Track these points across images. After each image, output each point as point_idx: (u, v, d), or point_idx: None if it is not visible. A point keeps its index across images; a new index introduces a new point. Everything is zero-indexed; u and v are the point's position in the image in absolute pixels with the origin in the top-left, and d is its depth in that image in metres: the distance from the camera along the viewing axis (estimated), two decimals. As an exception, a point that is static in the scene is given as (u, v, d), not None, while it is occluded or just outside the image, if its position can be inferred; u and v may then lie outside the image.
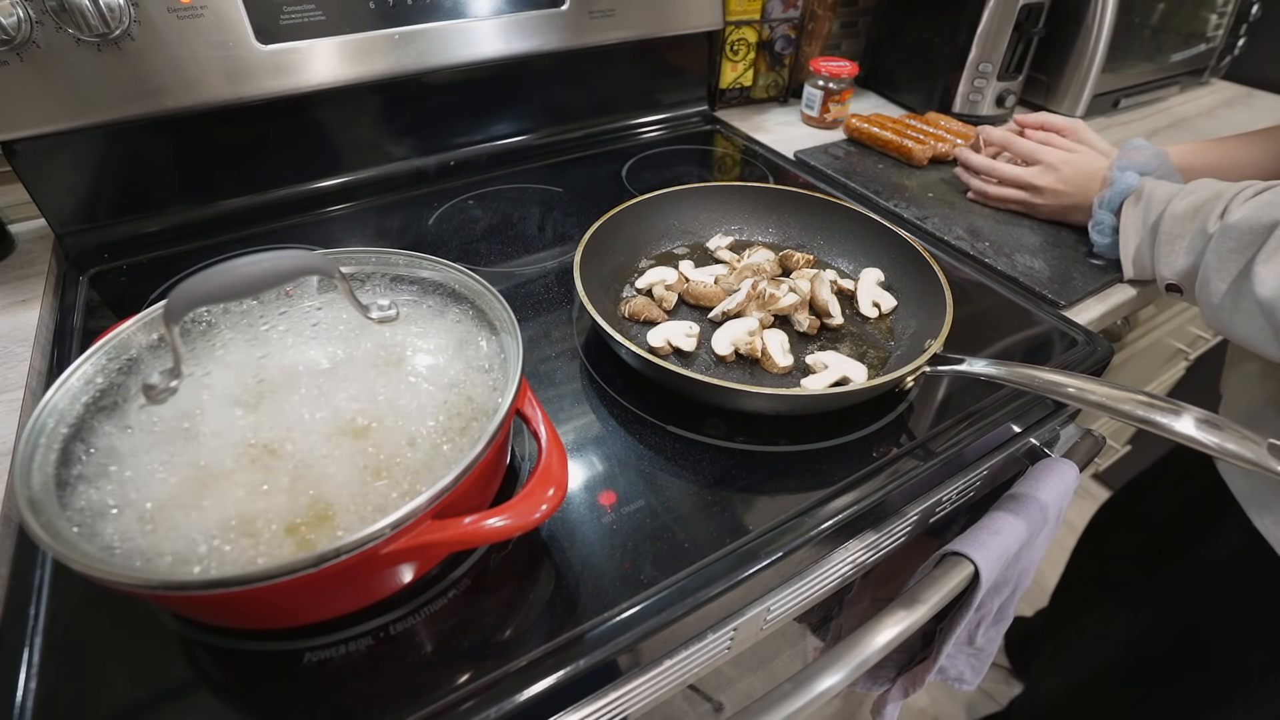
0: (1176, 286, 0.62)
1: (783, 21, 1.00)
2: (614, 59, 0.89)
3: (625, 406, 0.51)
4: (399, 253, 0.46)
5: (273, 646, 0.36)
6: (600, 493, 0.45)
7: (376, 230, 0.74)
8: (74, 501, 0.33)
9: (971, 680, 0.71)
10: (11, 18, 0.55)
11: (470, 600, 0.38)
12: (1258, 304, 0.51)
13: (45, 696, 0.34)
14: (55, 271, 0.66)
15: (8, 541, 0.41)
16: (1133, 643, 0.83)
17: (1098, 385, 0.43)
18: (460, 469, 0.32)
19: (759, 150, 0.92)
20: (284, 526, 0.33)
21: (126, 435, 0.36)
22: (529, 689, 0.35)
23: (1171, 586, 0.78)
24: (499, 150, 0.87)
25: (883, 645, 0.46)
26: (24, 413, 0.50)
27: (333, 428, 0.37)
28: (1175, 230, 0.60)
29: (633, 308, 0.58)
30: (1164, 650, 0.77)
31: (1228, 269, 0.54)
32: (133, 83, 0.62)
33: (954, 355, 0.49)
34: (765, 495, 0.45)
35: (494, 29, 0.77)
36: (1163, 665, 0.77)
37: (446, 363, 0.41)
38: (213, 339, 0.42)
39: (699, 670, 0.45)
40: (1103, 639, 0.89)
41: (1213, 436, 0.38)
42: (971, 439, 0.50)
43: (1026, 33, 0.95)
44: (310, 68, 0.69)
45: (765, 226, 0.70)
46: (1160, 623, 0.78)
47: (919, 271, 0.59)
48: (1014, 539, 0.51)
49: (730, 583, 0.40)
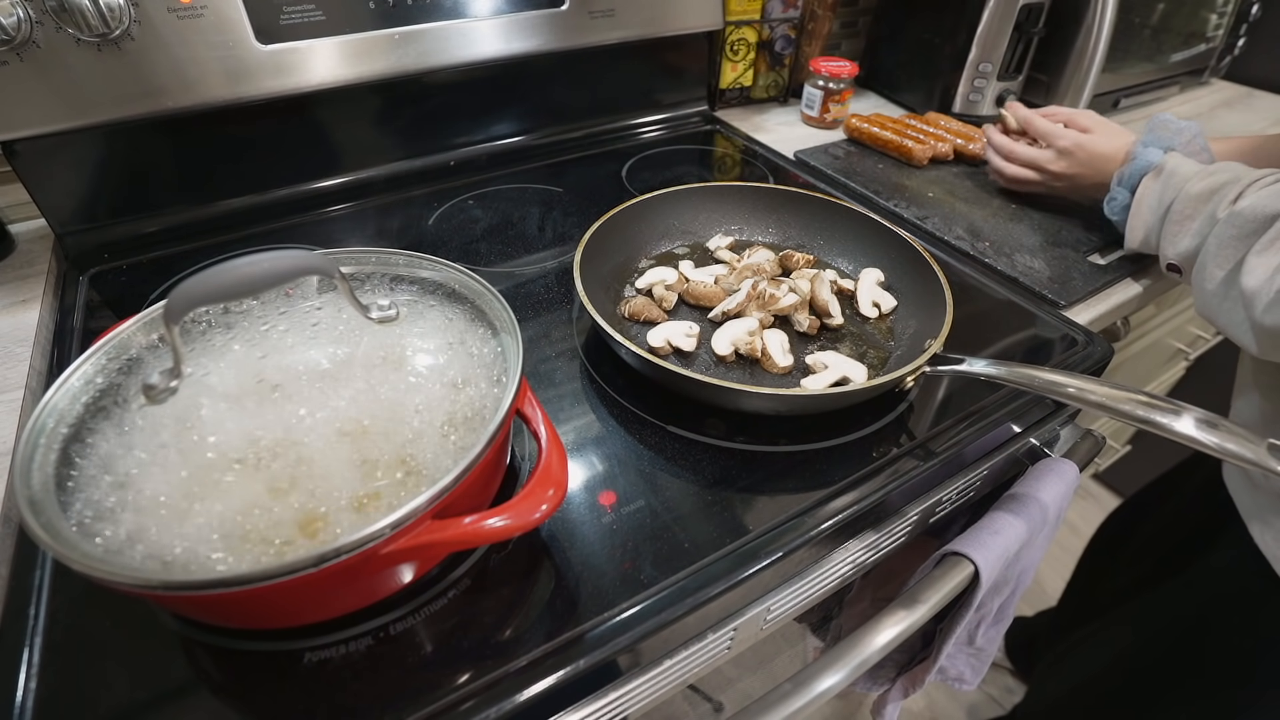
0: (1176, 267, 0.61)
1: (783, 21, 1.00)
2: (614, 59, 0.89)
3: (625, 406, 0.51)
4: (399, 253, 0.46)
5: (273, 646, 0.36)
6: (600, 493, 0.45)
7: (376, 230, 0.74)
8: (74, 501, 0.33)
9: (971, 680, 0.71)
10: (11, 18, 0.55)
11: (470, 600, 0.38)
12: (1241, 294, 0.51)
13: (45, 696, 0.34)
14: (55, 271, 0.66)
15: (8, 541, 0.41)
16: (1134, 652, 0.82)
17: (1098, 385, 0.43)
18: (460, 469, 0.32)
19: (759, 150, 0.92)
20: (284, 526, 0.33)
21: (126, 435, 0.36)
22: (529, 689, 0.35)
23: (1174, 597, 0.78)
24: (499, 150, 0.87)
25: (883, 645, 0.46)
26: (24, 413, 0.50)
27: (333, 428, 0.37)
28: (1187, 210, 0.59)
29: (633, 308, 0.58)
30: (1164, 660, 0.77)
31: (1226, 256, 0.54)
32: (133, 83, 0.62)
33: (954, 355, 0.49)
34: (765, 495, 0.45)
35: (494, 29, 0.77)
36: (1163, 675, 0.77)
37: (446, 363, 0.41)
38: (213, 339, 0.41)
39: (699, 670, 0.45)
40: (1105, 646, 0.89)
41: (1213, 436, 0.38)
42: (971, 439, 0.50)
43: (1026, 33, 0.95)
44: (310, 68, 0.69)
45: (765, 226, 0.70)
46: (1162, 633, 0.78)
47: (919, 271, 0.59)
48: (1014, 539, 0.51)
49: (730, 583, 0.40)
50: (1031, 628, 1.32)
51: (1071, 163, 0.72)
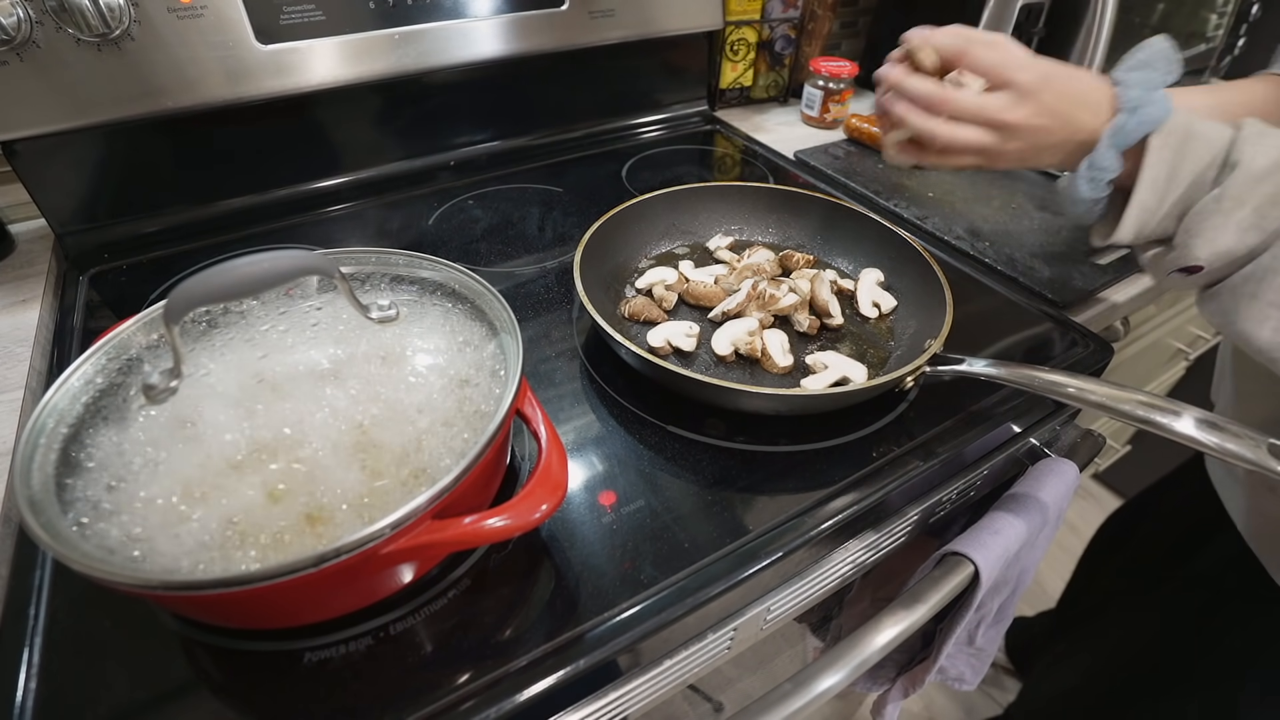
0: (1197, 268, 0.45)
1: (783, 21, 1.00)
2: (614, 59, 0.89)
3: (625, 406, 0.51)
4: (399, 253, 0.46)
5: (273, 646, 0.36)
6: (600, 493, 0.45)
7: (376, 230, 0.74)
8: (74, 501, 0.33)
9: (972, 680, 0.71)
10: (11, 18, 0.55)
11: (470, 600, 0.38)
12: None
13: (45, 696, 0.34)
14: (55, 271, 0.66)
15: (8, 541, 0.41)
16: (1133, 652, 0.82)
17: (1098, 385, 0.43)
18: (460, 469, 0.32)
19: (759, 150, 0.92)
20: (284, 526, 0.33)
21: (127, 435, 0.36)
22: (529, 689, 0.35)
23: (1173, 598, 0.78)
24: (499, 150, 0.87)
25: (883, 645, 0.46)
26: (24, 413, 0.50)
27: (332, 428, 0.37)
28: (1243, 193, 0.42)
29: (633, 308, 0.58)
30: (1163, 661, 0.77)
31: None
32: (133, 83, 0.62)
33: (954, 355, 0.49)
34: (765, 495, 0.45)
35: (494, 29, 0.77)
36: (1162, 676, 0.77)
37: (446, 363, 0.41)
38: (213, 339, 0.41)
39: (699, 670, 0.45)
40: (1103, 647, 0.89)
41: (1213, 436, 0.38)
42: (972, 439, 0.50)
43: (1027, 32, 0.95)
44: (310, 68, 0.69)
45: (765, 226, 0.70)
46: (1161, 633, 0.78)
47: (919, 271, 0.59)
48: (1014, 539, 0.51)
49: (730, 583, 0.40)
50: (1031, 628, 1.32)
51: (1038, 109, 0.47)
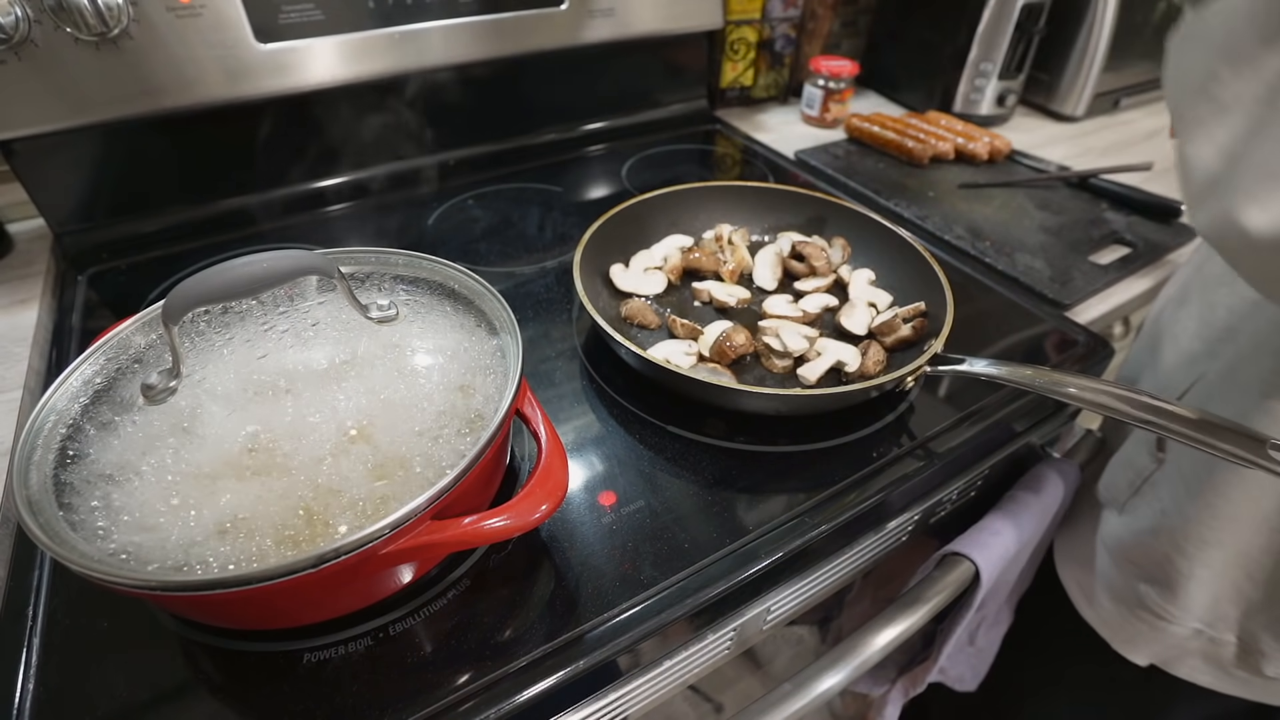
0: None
1: (783, 21, 1.00)
2: (614, 58, 0.89)
3: (625, 406, 0.51)
4: (399, 253, 0.46)
5: (273, 647, 0.36)
6: (600, 493, 0.45)
7: (376, 230, 0.74)
8: (73, 502, 0.33)
9: (972, 681, 0.71)
10: (9, 17, 0.55)
11: (470, 601, 0.38)
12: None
13: (44, 697, 0.34)
14: (54, 271, 0.66)
15: (6, 542, 0.41)
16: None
17: (1098, 385, 0.43)
18: (460, 469, 0.32)
19: (759, 150, 0.92)
20: (283, 526, 0.33)
21: (126, 435, 0.36)
22: (529, 689, 0.35)
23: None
24: (499, 150, 0.87)
25: (883, 645, 0.46)
26: (22, 413, 0.50)
27: (332, 428, 0.37)
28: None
29: (632, 309, 0.58)
30: None
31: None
32: (131, 82, 0.62)
33: (954, 355, 0.49)
34: (765, 495, 0.45)
35: (494, 28, 0.77)
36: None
37: (446, 363, 0.41)
38: (212, 339, 0.41)
39: (699, 671, 0.45)
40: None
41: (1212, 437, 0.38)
42: (972, 439, 0.50)
43: (1028, 32, 0.95)
44: (309, 67, 0.69)
45: (765, 226, 0.70)
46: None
47: (919, 271, 0.59)
48: (1014, 539, 0.51)
49: (730, 583, 0.40)
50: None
51: None
